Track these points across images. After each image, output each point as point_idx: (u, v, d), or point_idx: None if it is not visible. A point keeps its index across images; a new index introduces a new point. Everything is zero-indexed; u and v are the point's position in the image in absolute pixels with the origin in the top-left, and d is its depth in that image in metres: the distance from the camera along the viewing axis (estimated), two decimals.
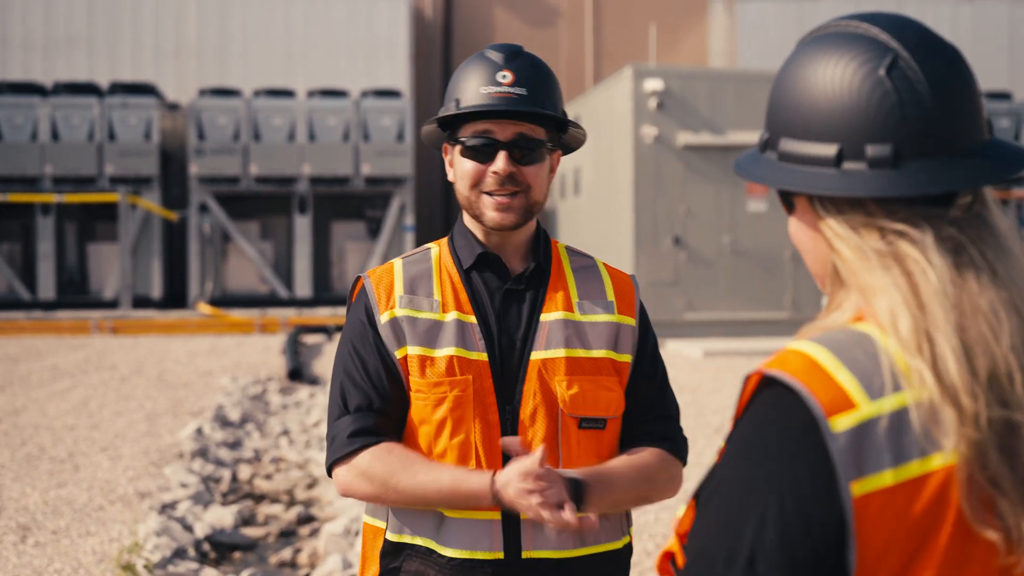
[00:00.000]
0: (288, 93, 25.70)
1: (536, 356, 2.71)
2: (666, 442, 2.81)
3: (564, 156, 3.54)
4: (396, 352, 2.71)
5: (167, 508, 8.15)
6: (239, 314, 22.64)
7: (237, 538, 7.76)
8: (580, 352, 2.73)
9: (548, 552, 2.67)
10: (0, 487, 8.96)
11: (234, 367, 16.38)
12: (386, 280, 2.78)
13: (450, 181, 2.85)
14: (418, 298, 2.74)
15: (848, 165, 1.53)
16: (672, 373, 15.10)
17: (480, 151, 2.71)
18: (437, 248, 2.85)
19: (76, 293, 24.95)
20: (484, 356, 2.69)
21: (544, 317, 2.74)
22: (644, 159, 19.00)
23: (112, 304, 24.24)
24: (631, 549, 2.84)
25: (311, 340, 20.09)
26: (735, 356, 17.10)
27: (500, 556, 2.65)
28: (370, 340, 2.72)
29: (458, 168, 2.75)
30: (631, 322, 2.81)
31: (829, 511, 1.42)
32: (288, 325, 21.22)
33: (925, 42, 1.55)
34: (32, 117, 24.26)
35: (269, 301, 25.02)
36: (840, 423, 1.43)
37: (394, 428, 2.71)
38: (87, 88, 25.24)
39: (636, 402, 2.80)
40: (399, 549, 2.71)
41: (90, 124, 24.27)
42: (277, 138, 24.51)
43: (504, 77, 2.70)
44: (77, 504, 8.48)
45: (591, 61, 32.99)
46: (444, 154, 2.85)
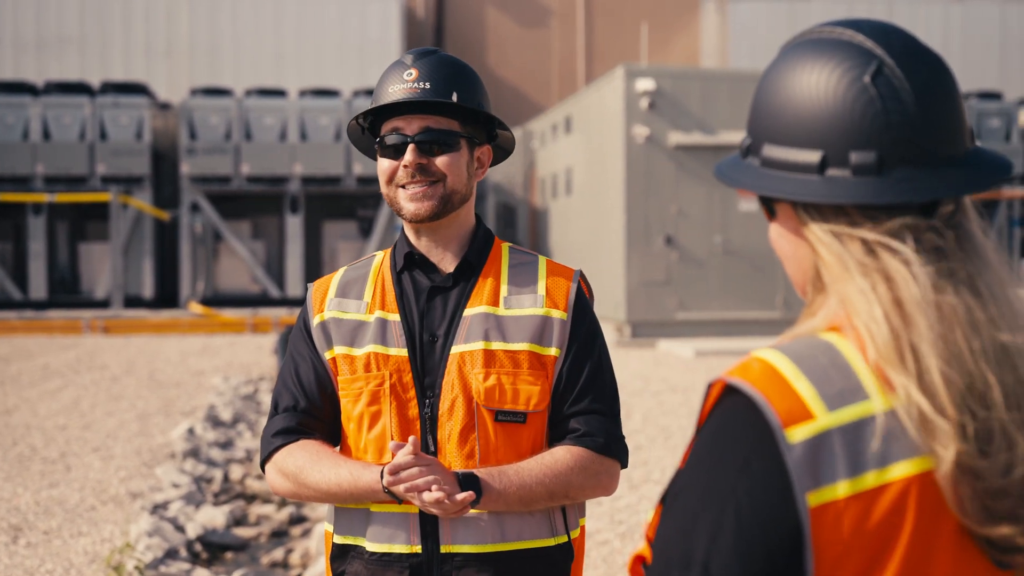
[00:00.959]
0: (280, 92, 25.68)
1: (455, 350, 2.74)
2: (588, 439, 2.76)
3: (510, 158, 3.57)
4: (326, 354, 2.81)
5: (159, 508, 8.15)
6: (231, 314, 22.63)
7: (229, 538, 7.76)
8: (497, 345, 2.74)
9: (467, 547, 2.69)
10: None
11: (226, 367, 16.37)
12: (323, 286, 2.89)
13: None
14: (347, 300, 2.83)
15: (832, 172, 1.53)
16: (664, 373, 15.11)
17: (392, 147, 2.77)
18: (382, 255, 2.92)
19: (67, 293, 24.92)
20: (403, 352, 2.74)
21: (466, 312, 2.78)
22: (635, 159, 19.02)
23: (103, 304, 24.21)
24: (571, 550, 2.82)
25: None
26: (727, 356, 17.12)
27: (418, 550, 2.69)
28: (304, 344, 2.84)
29: (378, 168, 2.81)
30: (562, 315, 2.78)
31: (785, 520, 1.43)
32: (280, 325, 21.21)
33: (910, 50, 1.55)
34: (23, 116, 24.23)
35: (261, 301, 25.00)
36: (796, 434, 1.43)
37: (322, 428, 2.80)
38: (78, 88, 25.20)
39: (561, 396, 2.78)
40: (344, 551, 2.77)
41: (81, 124, 24.23)
42: (269, 137, 24.50)
43: (409, 75, 2.76)
44: (69, 504, 8.48)
45: (583, 61, 33.01)
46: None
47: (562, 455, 2.73)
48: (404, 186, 2.76)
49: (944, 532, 1.46)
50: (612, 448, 2.78)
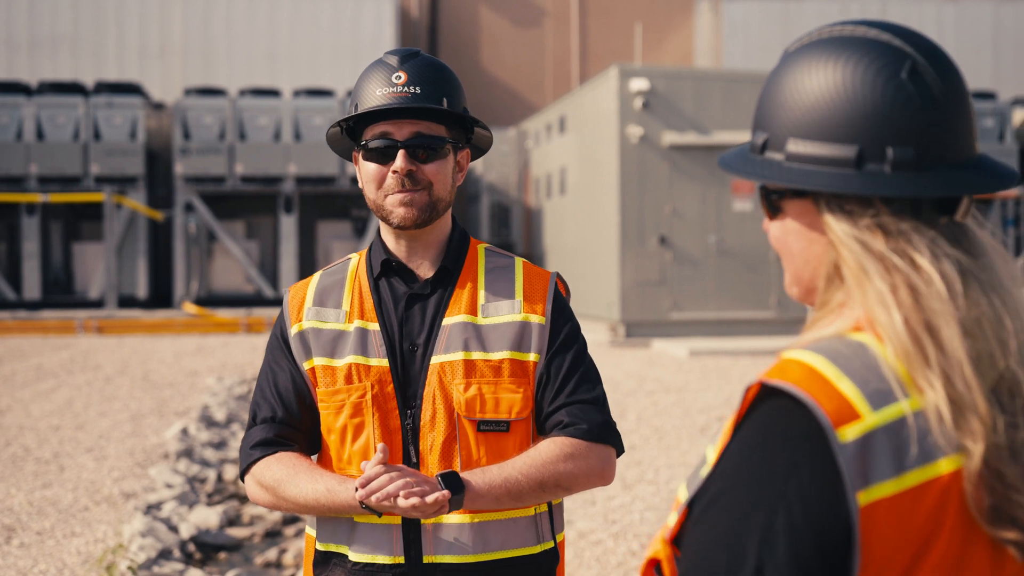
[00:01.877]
0: (274, 92, 25.66)
1: (435, 360, 2.71)
2: (571, 427, 2.72)
3: (483, 157, 3.58)
4: (304, 364, 2.78)
5: (152, 509, 8.14)
6: (225, 314, 22.61)
7: (222, 539, 7.76)
8: (477, 355, 2.72)
9: (450, 557, 2.67)
10: None
11: (220, 367, 16.36)
12: (300, 294, 2.85)
13: (360, 188, 2.86)
14: (325, 310, 2.79)
15: (869, 166, 1.54)
16: (658, 372, 15.12)
17: (381, 152, 2.73)
18: (357, 258, 2.88)
19: (61, 293, 24.89)
20: (384, 362, 2.71)
21: (446, 321, 2.75)
22: (629, 159, 19.02)
23: (97, 304, 24.19)
24: (556, 556, 2.81)
25: None
26: (721, 355, 17.13)
27: (400, 561, 2.67)
28: (282, 354, 2.81)
29: (363, 172, 2.78)
30: (540, 320, 2.77)
31: (837, 521, 1.43)
32: (273, 325, 21.16)
33: (934, 52, 1.58)
34: (17, 116, 24.20)
35: (255, 301, 24.98)
36: (848, 433, 1.44)
37: (300, 439, 2.78)
38: (72, 87, 25.17)
39: (544, 395, 2.76)
40: (327, 558, 2.75)
41: (75, 123, 24.21)
42: (263, 137, 24.48)
43: (398, 78, 2.72)
44: (62, 505, 8.47)
45: (577, 61, 33.01)
46: (355, 162, 2.86)
47: (546, 446, 2.70)
48: (392, 192, 2.73)
49: (981, 527, 1.47)
50: (599, 433, 2.74)
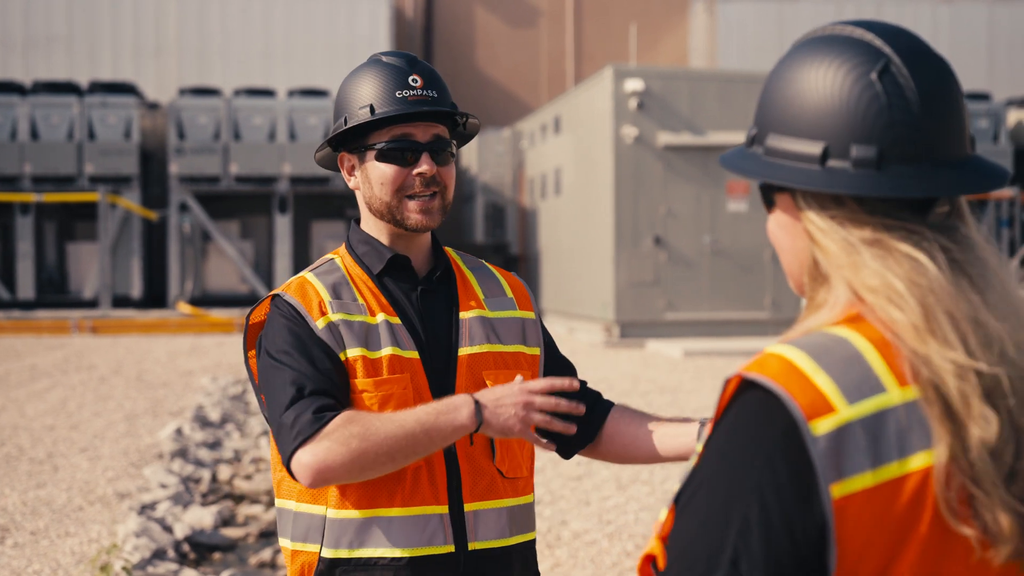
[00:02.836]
0: (268, 92, 25.66)
1: (463, 352, 2.76)
2: (600, 398, 2.94)
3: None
4: (339, 355, 2.69)
5: (146, 509, 8.13)
6: (219, 314, 22.60)
7: (217, 539, 7.75)
8: (499, 347, 2.81)
9: (491, 542, 2.72)
10: None
11: (214, 367, 16.35)
12: (310, 290, 2.75)
13: (352, 188, 2.86)
14: (346, 303, 2.74)
15: (832, 163, 1.56)
16: (652, 373, 15.13)
17: (401, 154, 2.75)
18: (339, 257, 2.87)
19: (55, 293, 24.88)
20: (415, 354, 2.72)
21: (463, 315, 2.81)
22: (624, 159, 19.03)
23: (92, 304, 24.17)
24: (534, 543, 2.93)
25: None
26: (715, 356, 17.14)
27: (451, 549, 2.68)
28: (313, 340, 2.66)
29: (375, 174, 2.77)
30: (531, 316, 2.92)
31: (810, 513, 1.45)
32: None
33: (917, 52, 1.58)
34: (11, 116, 24.18)
35: (249, 301, 24.95)
36: (820, 426, 1.45)
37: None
38: (67, 87, 25.16)
39: (562, 374, 2.91)
40: (333, 567, 2.68)
41: (70, 123, 24.20)
42: (257, 137, 24.47)
43: (415, 81, 2.75)
44: (56, 505, 8.46)
45: (572, 61, 33.02)
46: (342, 164, 2.87)
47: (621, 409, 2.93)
48: (413, 196, 2.74)
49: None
50: None
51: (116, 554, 7.05)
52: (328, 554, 2.68)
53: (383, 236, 2.83)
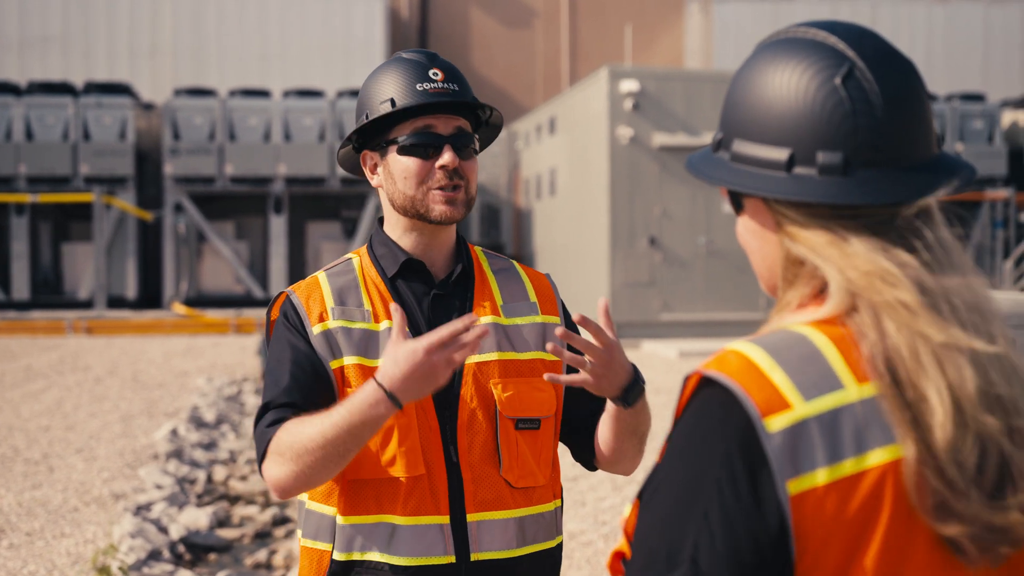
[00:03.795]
0: (263, 93, 25.64)
1: (470, 360, 2.71)
2: None
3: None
4: (331, 363, 2.68)
5: (142, 510, 8.13)
6: (214, 314, 22.58)
7: (212, 540, 7.75)
8: (511, 355, 2.75)
9: (494, 553, 2.69)
10: None
11: (209, 368, 16.34)
12: (315, 294, 2.76)
13: (374, 186, 2.84)
14: (349, 309, 2.73)
15: (799, 170, 1.56)
16: (648, 374, 15.13)
17: (424, 147, 2.73)
18: (357, 258, 2.85)
19: (50, 293, 24.85)
20: None
21: None
22: (620, 160, 19.04)
23: (87, 304, 24.15)
24: (561, 549, 2.86)
25: None
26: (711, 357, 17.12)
27: (452, 560, 2.66)
28: (300, 351, 2.68)
29: (397, 168, 2.74)
30: (556, 320, 2.85)
31: (768, 509, 1.45)
32: (264, 326, 21.13)
33: (881, 54, 1.58)
34: (6, 117, 24.15)
35: (244, 301, 24.96)
36: (775, 423, 1.46)
37: None
38: (62, 88, 25.14)
39: (580, 396, 2.83)
40: (348, 568, 2.69)
41: (65, 124, 24.17)
42: (252, 138, 24.46)
43: (436, 75, 2.75)
44: (51, 506, 8.46)
45: (567, 61, 33.03)
46: (363, 163, 2.85)
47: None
48: (439, 188, 2.72)
49: (920, 519, 1.48)
50: None
51: (112, 555, 7.05)
52: (340, 557, 2.69)
53: (404, 236, 2.80)
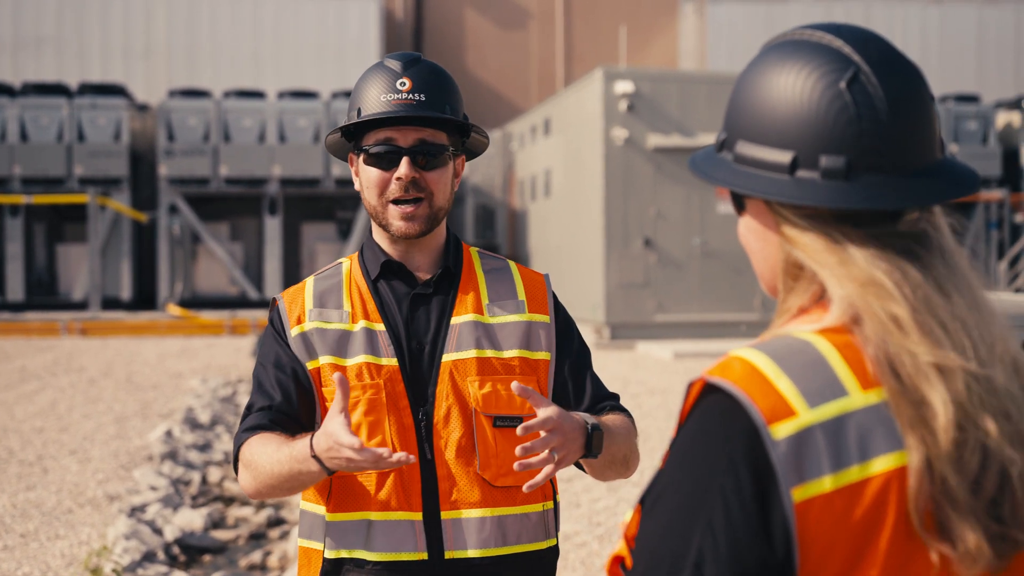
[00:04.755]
0: (258, 94, 25.63)
1: (447, 358, 2.73)
2: (625, 412, 2.85)
3: (487, 159, 3.56)
4: (308, 364, 2.74)
5: (136, 511, 8.12)
6: (209, 316, 22.57)
7: (207, 541, 7.75)
8: (490, 353, 2.75)
9: (469, 552, 2.69)
10: None
11: (204, 369, 16.33)
12: (297, 298, 2.82)
13: (356, 191, 2.87)
14: (327, 311, 2.77)
15: (802, 173, 1.55)
16: (642, 375, 15.14)
17: (383, 158, 2.74)
18: (348, 262, 2.88)
19: (45, 294, 24.83)
20: (394, 361, 2.71)
21: (454, 320, 2.77)
22: (614, 161, 19.05)
23: (81, 305, 24.13)
24: (557, 552, 2.85)
25: None
26: (705, 357, 17.16)
27: (424, 556, 2.67)
28: (281, 355, 2.75)
29: (363, 177, 2.78)
30: (545, 319, 2.84)
31: (773, 517, 1.45)
32: (258, 327, 21.17)
33: (887, 58, 1.57)
34: (0, 118, 24.13)
35: (239, 303, 24.94)
36: (780, 430, 1.45)
37: (295, 428, 2.70)
38: (56, 89, 25.11)
39: (580, 389, 2.83)
40: (339, 566, 2.72)
41: (59, 125, 24.15)
42: (247, 139, 24.44)
43: (403, 84, 2.73)
44: (46, 507, 8.45)
45: (562, 63, 33.03)
46: (351, 164, 2.87)
47: (625, 418, 2.81)
48: (395, 201, 2.74)
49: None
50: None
51: (106, 556, 7.04)
52: (330, 555, 2.72)
53: (384, 240, 2.84)
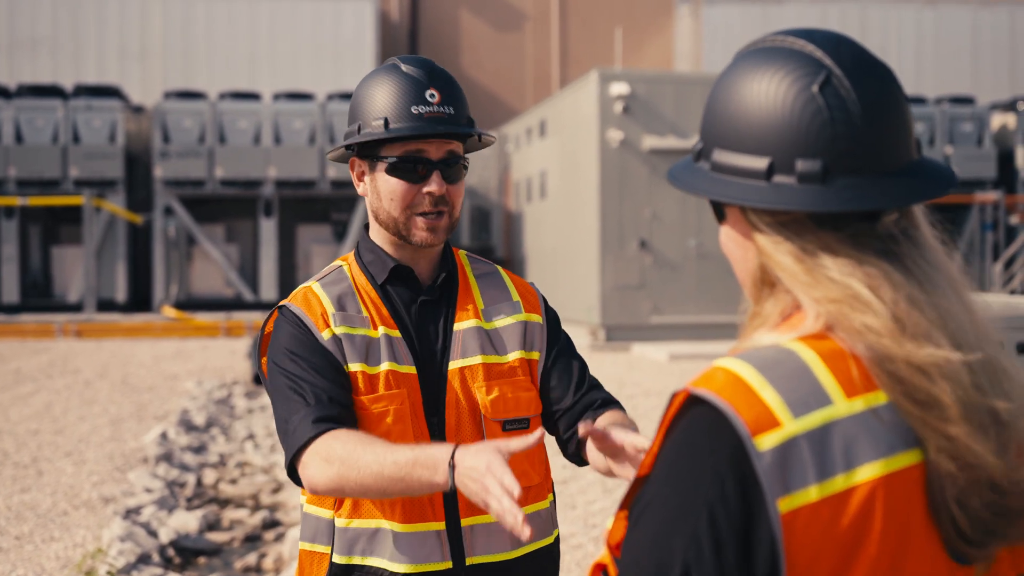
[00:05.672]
0: (254, 96, 25.63)
1: (454, 365, 2.72)
2: (616, 404, 2.83)
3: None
4: (343, 366, 2.68)
5: (131, 513, 8.12)
6: (204, 317, 22.56)
7: (202, 543, 7.74)
8: (495, 358, 2.76)
9: (489, 556, 2.69)
10: None
11: (199, 371, 16.32)
12: (314, 300, 2.74)
13: (360, 193, 2.82)
14: (350, 315, 2.72)
15: (778, 179, 1.56)
16: (637, 376, 15.14)
17: (413, 171, 2.70)
18: (347, 265, 2.84)
19: (40, 296, 24.82)
20: (413, 369, 2.69)
21: (457, 326, 2.76)
22: (610, 163, 19.05)
23: (76, 307, 24.12)
24: (559, 542, 2.87)
25: None
26: (701, 359, 17.16)
27: (449, 566, 2.66)
28: (318, 349, 2.66)
29: (384, 187, 2.72)
30: (538, 319, 2.85)
31: (759, 528, 1.45)
32: (254, 328, 21.16)
33: (859, 61, 1.57)
34: None
35: (234, 304, 24.94)
36: (765, 442, 1.45)
37: (353, 422, 2.63)
38: (51, 90, 25.11)
39: (568, 379, 2.82)
40: (348, 572, 2.68)
41: (54, 126, 24.14)
42: (243, 141, 24.45)
43: (432, 96, 2.70)
44: (41, 509, 8.44)
45: (557, 65, 33.04)
46: (352, 169, 2.82)
47: (624, 415, 2.77)
48: (423, 214, 2.70)
49: (913, 532, 1.48)
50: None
51: (101, 559, 7.04)
52: (340, 560, 2.68)
53: (388, 245, 2.80)
